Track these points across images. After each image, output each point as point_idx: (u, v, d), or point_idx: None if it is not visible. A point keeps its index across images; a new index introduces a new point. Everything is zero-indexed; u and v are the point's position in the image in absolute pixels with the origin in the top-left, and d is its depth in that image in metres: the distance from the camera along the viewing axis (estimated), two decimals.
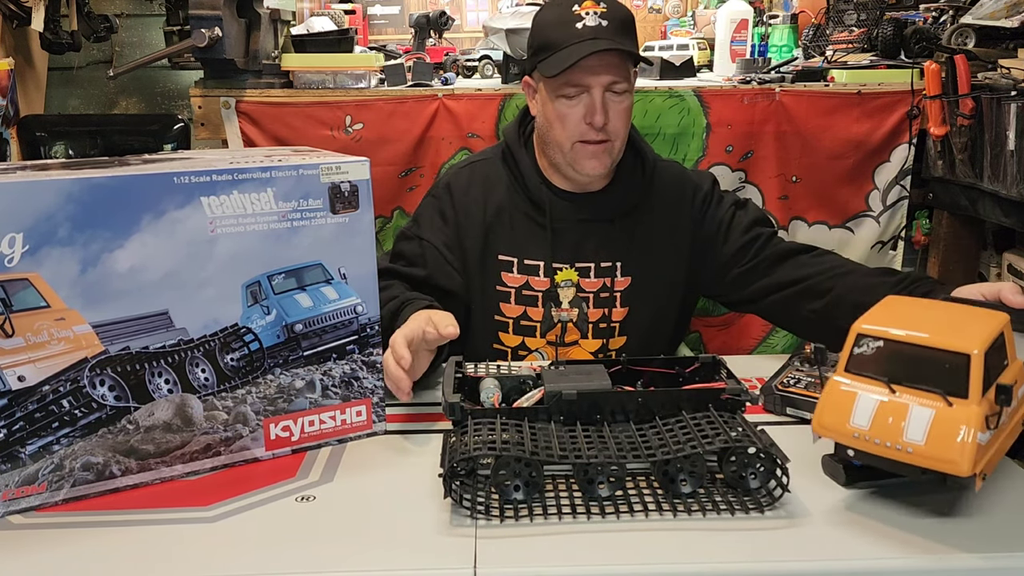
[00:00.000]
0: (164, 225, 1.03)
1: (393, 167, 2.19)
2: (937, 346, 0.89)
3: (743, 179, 2.29)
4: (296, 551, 0.93)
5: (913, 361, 0.90)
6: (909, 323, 0.94)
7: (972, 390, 0.87)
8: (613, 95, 1.46)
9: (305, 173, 1.10)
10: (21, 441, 1.00)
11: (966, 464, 0.85)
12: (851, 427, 0.92)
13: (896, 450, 0.89)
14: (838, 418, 0.93)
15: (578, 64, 1.41)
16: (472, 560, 0.90)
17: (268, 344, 1.12)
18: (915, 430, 0.87)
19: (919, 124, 2.24)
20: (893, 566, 0.91)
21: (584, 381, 1.10)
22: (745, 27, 2.54)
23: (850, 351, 0.95)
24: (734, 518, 0.97)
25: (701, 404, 1.07)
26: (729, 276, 1.58)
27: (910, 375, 0.90)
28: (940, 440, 0.86)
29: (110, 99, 3.07)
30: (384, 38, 3.08)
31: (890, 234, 2.37)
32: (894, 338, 0.91)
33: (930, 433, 0.87)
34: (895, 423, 0.89)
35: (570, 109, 1.47)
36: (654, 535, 0.95)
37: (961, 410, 0.86)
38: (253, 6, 2.16)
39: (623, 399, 1.08)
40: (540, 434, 1.03)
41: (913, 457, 0.88)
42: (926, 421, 0.87)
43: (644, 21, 3.26)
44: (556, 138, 1.50)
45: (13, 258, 0.96)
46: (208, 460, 1.11)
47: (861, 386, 0.93)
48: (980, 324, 0.92)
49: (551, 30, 1.47)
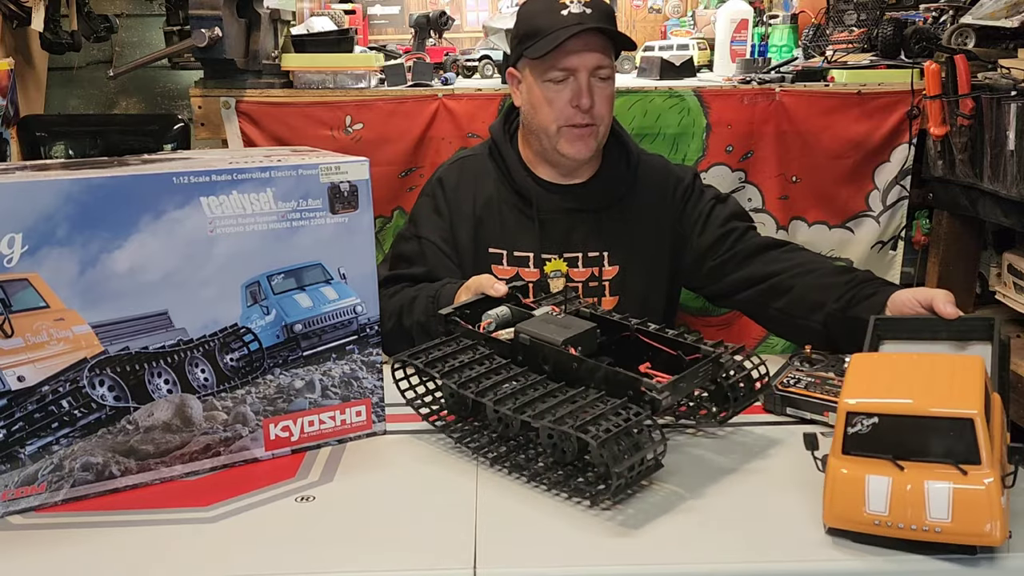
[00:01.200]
0: (163, 225, 1.02)
1: (393, 167, 2.19)
2: (937, 414, 0.84)
3: (743, 179, 2.29)
4: (296, 551, 0.93)
5: (914, 432, 0.86)
6: (893, 390, 0.89)
7: (983, 454, 0.83)
8: (598, 80, 1.52)
9: (304, 173, 1.10)
10: (21, 441, 1.00)
11: (998, 533, 0.82)
12: (869, 515, 0.86)
13: (924, 531, 0.84)
14: (852, 507, 0.87)
15: (565, 47, 1.47)
16: (472, 560, 0.90)
17: (268, 344, 1.12)
18: (938, 508, 0.83)
19: (919, 124, 2.24)
20: (893, 566, 0.90)
21: (551, 331, 1.14)
22: (745, 27, 2.53)
23: (843, 431, 0.89)
24: (734, 519, 0.97)
25: (621, 389, 1.06)
26: (705, 268, 1.62)
27: (915, 449, 0.85)
28: (966, 514, 0.82)
29: (110, 99, 3.07)
30: (384, 38, 3.08)
31: (890, 234, 2.37)
32: (889, 411, 0.87)
33: (954, 509, 0.82)
34: (915, 503, 0.83)
35: (557, 93, 1.52)
36: (654, 535, 0.95)
37: (978, 477, 0.82)
38: (253, 6, 2.15)
39: (564, 359, 1.11)
40: (487, 372, 1.12)
41: (943, 536, 0.84)
42: (946, 496, 0.82)
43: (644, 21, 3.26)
44: (542, 122, 1.55)
45: (12, 258, 0.96)
46: (208, 460, 1.10)
47: (866, 469, 0.87)
48: (965, 377, 0.88)
49: (538, 18, 1.53)
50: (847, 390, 0.92)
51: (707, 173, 2.27)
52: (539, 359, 1.13)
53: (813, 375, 1.29)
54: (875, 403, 0.88)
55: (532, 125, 1.58)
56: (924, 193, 2.37)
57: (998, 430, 0.90)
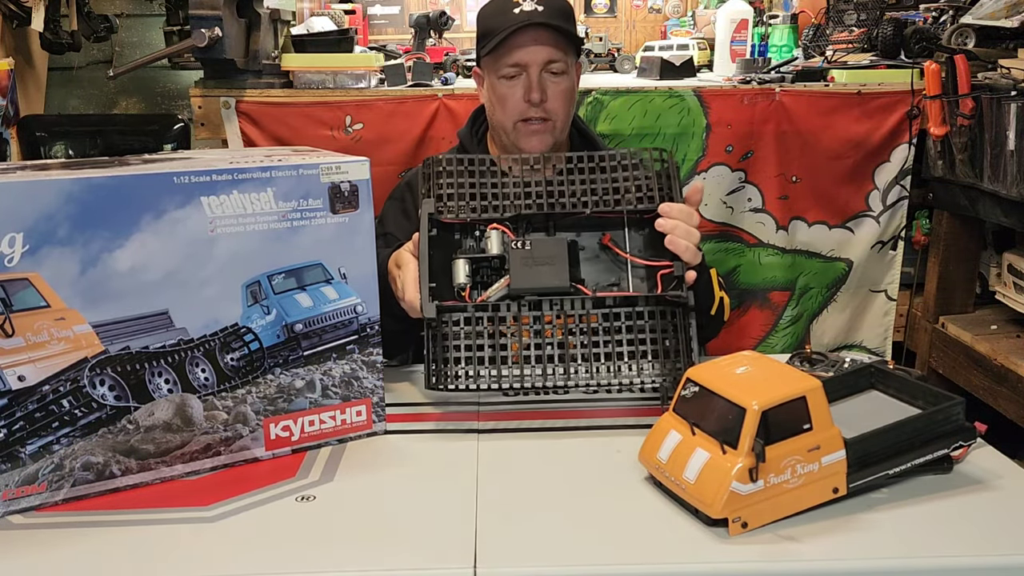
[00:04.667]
0: (164, 225, 1.02)
1: (393, 167, 2.19)
2: (728, 398, 0.95)
3: (743, 179, 2.29)
4: (296, 551, 0.93)
5: (712, 409, 0.97)
6: (728, 376, 1.00)
7: (742, 442, 0.92)
8: (551, 75, 1.56)
9: (305, 173, 1.10)
10: (21, 441, 1.00)
11: (719, 508, 0.92)
12: (657, 460, 1.01)
13: (676, 484, 0.98)
14: (652, 451, 1.02)
15: (514, 42, 1.52)
16: (472, 560, 0.90)
17: (268, 344, 1.12)
18: (691, 470, 0.96)
19: (919, 124, 2.24)
20: (893, 566, 0.91)
21: (545, 275, 1.22)
22: (745, 27, 2.54)
23: (679, 393, 1.03)
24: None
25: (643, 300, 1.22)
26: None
27: (708, 421, 0.97)
28: (704, 483, 0.94)
29: (110, 99, 3.07)
30: (384, 38, 3.08)
31: (890, 234, 2.37)
32: (704, 385, 0.99)
33: (700, 475, 0.95)
34: (681, 461, 0.97)
35: (509, 90, 1.56)
36: (654, 535, 0.95)
37: (731, 458, 0.93)
38: (253, 6, 2.15)
39: (575, 299, 1.22)
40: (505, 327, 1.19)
41: (685, 493, 0.97)
42: (701, 464, 0.95)
43: (644, 21, 3.26)
44: (500, 120, 1.60)
45: (13, 258, 0.96)
46: (208, 460, 1.10)
47: (674, 426, 1.01)
48: (782, 385, 0.96)
49: (491, 18, 1.58)
50: (703, 365, 1.04)
51: (707, 173, 2.27)
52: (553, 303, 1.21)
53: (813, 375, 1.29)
54: (700, 375, 1.01)
55: (493, 122, 1.64)
56: (924, 193, 2.37)
57: (798, 445, 0.95)
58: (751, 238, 2.35)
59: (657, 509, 0.99)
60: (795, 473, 0.95)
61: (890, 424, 1.01)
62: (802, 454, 0.95)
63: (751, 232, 2.34)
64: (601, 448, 1.15)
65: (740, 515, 0.93)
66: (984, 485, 1.04)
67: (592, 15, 3.24)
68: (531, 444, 1.17)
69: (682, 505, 0.98)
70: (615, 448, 1.13)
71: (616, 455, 1.11)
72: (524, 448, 1.16)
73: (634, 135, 2.24)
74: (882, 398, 1.15)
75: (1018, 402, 2.07)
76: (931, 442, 1.03)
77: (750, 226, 2.34)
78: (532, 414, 1.26)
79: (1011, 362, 2.11)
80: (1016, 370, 2.08)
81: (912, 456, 1.01)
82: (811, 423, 0.95)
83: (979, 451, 1.11)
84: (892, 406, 1.12)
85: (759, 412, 0.92)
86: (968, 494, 1.02)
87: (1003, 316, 2.35)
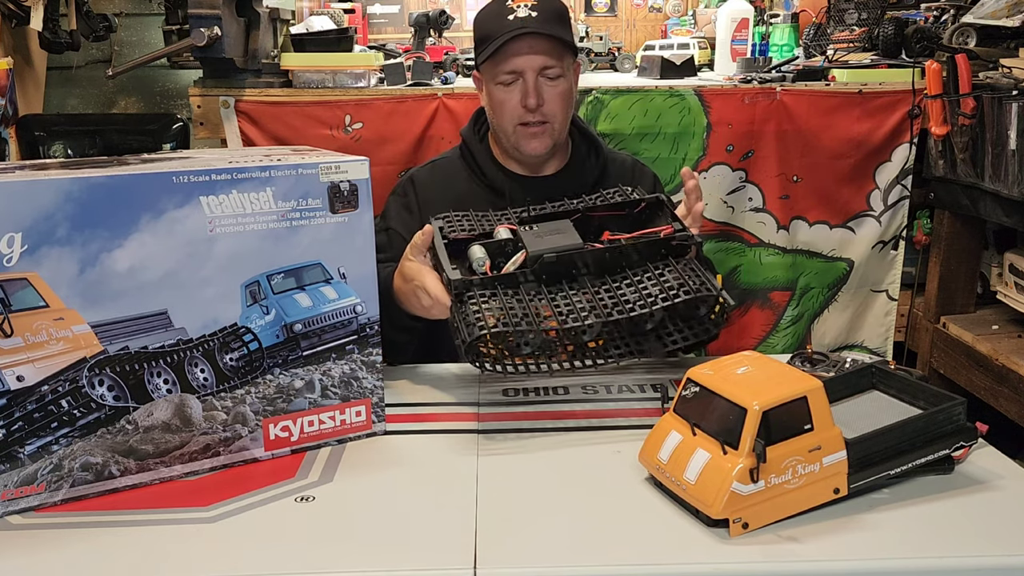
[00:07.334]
0: (163, 225, 1.02)
1: (393, 166, 2.19)
2: (729, 398, 0.95)
3: (744, 178, 2.29)
4: (295, 551, 0.93)
5: (713, 410, 0.97)
6: (729, 376, 0.99)
7: (743, 443, 0.92)
8: (547, 80, 1.58)
9: (304, 172, 1.09)
10: (20, 441, 1.00)
11: (719, 508, 0.92)
12: (657, 460, 1.01)
13: (677, 485, 0.98)
14: (652, 451, 1.02)
15: (509, 50, 1.55)
16: (472, 560, 0.90)
17: (267, 344, 1.12)
18: (692, 470, 0.95)
19: (920, 124, 2.24)
20: (895, 567, 0.90)
21: (558, 240, 1.26)
22: (746, 26, 2.53)
23: (680, 393, 1.02)
24: None
25: (657, 250, 1.26)
26: None
27: (708, 422, 0.97)
28: (704, 483, 0.94)
29: (109, 99, 3.07)
30: (384, 37, 3.08)
31: (891, 234, 2.37)
32: (705, 385, 0.99)
33: (700, 475, 0.94)
34: (682, 461, 0.97)
35: (507, 95, 1.60)
36: (654, 536, 0.95)
37: (732, 459, 0.92)
38: (252, 5, 2.15)
39: (595, 255, 1.25)
40: (534, 300, 1.19)
41: (686, 494, 0.96)
42: (702, 464, 0.95)
43: (644, 20, 3.26)
44: (500, 124, 1.64)
45: (12, 258, 0.95)
46: (207, 460, 1.10)
47: (675, 426, 1.01)
48: (783, 385, 0.96)
49: (487, 24, 1.61)
50: (703, 365, 1.03)
51: (707, 172, 2.27)
52: (571, 268, 1.23)
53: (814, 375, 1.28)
54: (701, 375, 1.00)
55: (494, 126, 1.67)
56: (925, 193, 2.37)
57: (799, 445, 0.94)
58: (752, 238, 2.35)
59: (657, 510, 0.99)
60: (796, 474, 0.95)
61: (891, 424, 1.01)
62: (803, 454, 0.95)
63: (752, 232, 2.34)
64: (601, 448, 1.14)
65: (741, 516, 0.93)
66: (985, 485, 1.04)
67: (592, 14, 3.24)
68: (531, 444, 1.17)
69: (683, 506, 0.98)
70: (615, 448, 1.13)
71: (616, 455, 1.11)
72: (524, 448, 1.16)
73: (634, 134, 2.23)
74: (883, 398, 1.15)
75: (1019, 402, 2.07)
76: (932, 442, 1.02)
77: (751, 226, 2.34)
78: (532, 414, 1.26)
79: (1012, 362, 2.11)
80: (1017, 370, 2.08)
81: (913, 456, 1.01)
82: (812, 423, 0.95)
83: (980, 451, 1.11)
84: (893, 406, 1.12)
85: (760, 412, 0.92)
86: (969, 494, 1.02)
87: (1004, 316, 2.34)
